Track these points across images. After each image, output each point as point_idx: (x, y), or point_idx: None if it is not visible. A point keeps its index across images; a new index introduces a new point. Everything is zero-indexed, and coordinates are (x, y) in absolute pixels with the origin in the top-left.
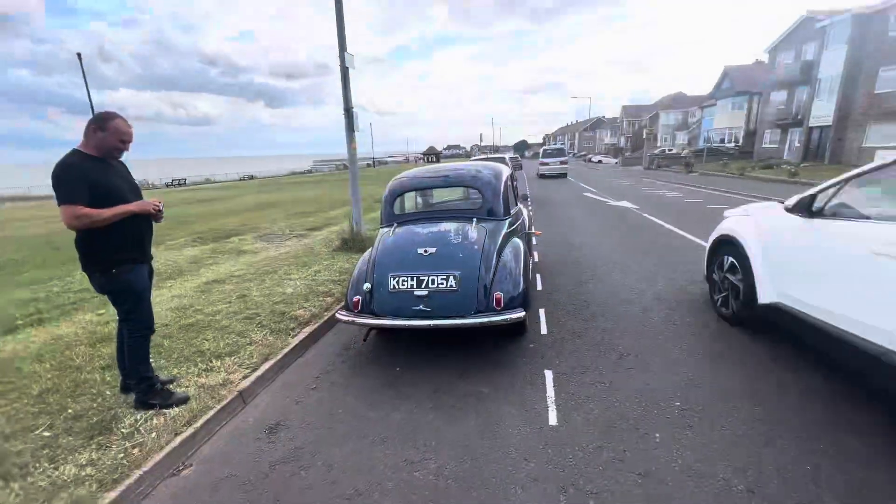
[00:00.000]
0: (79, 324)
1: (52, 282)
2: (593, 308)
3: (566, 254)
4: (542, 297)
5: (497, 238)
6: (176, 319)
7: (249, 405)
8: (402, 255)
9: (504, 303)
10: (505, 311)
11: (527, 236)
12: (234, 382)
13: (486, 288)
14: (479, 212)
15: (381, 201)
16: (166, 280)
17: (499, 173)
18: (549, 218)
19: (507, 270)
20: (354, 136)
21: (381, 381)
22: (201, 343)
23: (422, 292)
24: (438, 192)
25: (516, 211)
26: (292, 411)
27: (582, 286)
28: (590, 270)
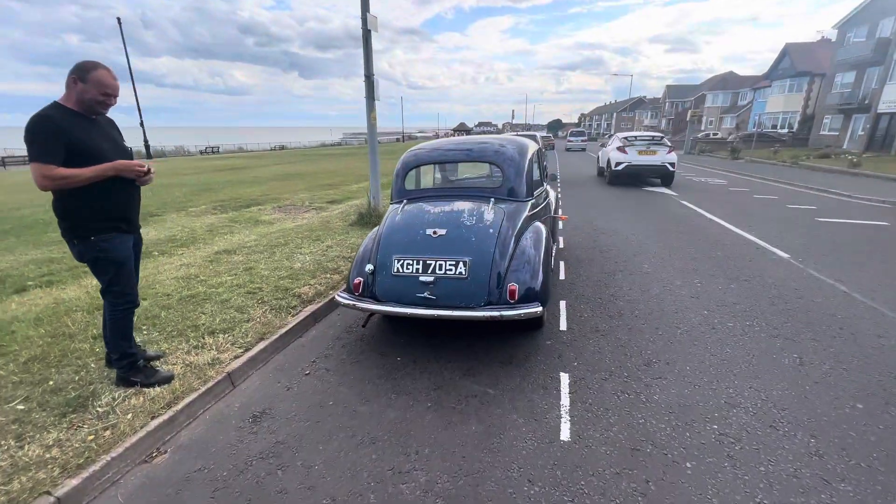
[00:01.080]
0: (85, 287)
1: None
2: (621, 304)
3: (594, 241)
4: (565, 287)
5: (516, 221)
6: (178, 290)
7: (238, 388)
8: (408, 235)
9: (519, 295)
10: (519, 304)
11: (552, 221)
12: (225, 362)
13: (499, 277)
14: (499, 191)
15: (393, 174)
16: (179, 248)
17: (523, 149)
18: (578, 201)
19: (525, 258)
20: (375, 106)
21: (379, 371)
22: (198, 317)
23: (428, 278)
24: (457, 168)
25: (541, 192)
26: (281, 398)
27: (609, 278)
28: (619, 260)
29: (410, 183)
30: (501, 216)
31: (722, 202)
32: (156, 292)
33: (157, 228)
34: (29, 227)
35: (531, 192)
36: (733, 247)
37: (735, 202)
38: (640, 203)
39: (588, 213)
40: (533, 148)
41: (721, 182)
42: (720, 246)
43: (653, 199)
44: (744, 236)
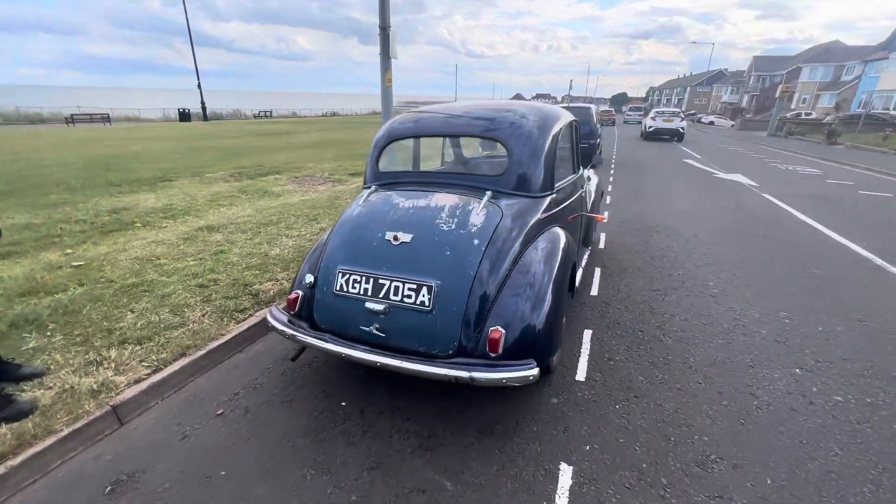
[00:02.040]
0: (38, 263)
1: (66, 207)
2: (669, 343)
3: (644, 243)
4: (595, 308)
5: (522, 227)
6: (126, 275)
7: (124, 429)
8: (362, 239)
9: (505, 346)
10: (503, 361)
11: (585, 222)
12: (118, 389)
13: (479, 313)
14: (502, 181)
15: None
16: (167, 219)
17: (547, 122)
18: (631, 188)
19: (526, 285)
20: (390, 65)
21: (310, 423)
22: (122, 316)
23: (377, 305)
24: (459, 144)
25: (570, 183)
26: (164, 455)
27: (659, 299)
28: (676, 273)
29: (386, 162)
30: (497, 219)
31: (817, 199)
32: (101, 276)
33: (160, 195)
34: (38, 187)
35: (550, 183)
36: (836, 264)
37: (835, 200)
38: (708, 192)
39: (638, 185)
40: (562, 121)
41: (815, 172)
42: (817, 261)
43: (726, 189)
44: (851, 248)
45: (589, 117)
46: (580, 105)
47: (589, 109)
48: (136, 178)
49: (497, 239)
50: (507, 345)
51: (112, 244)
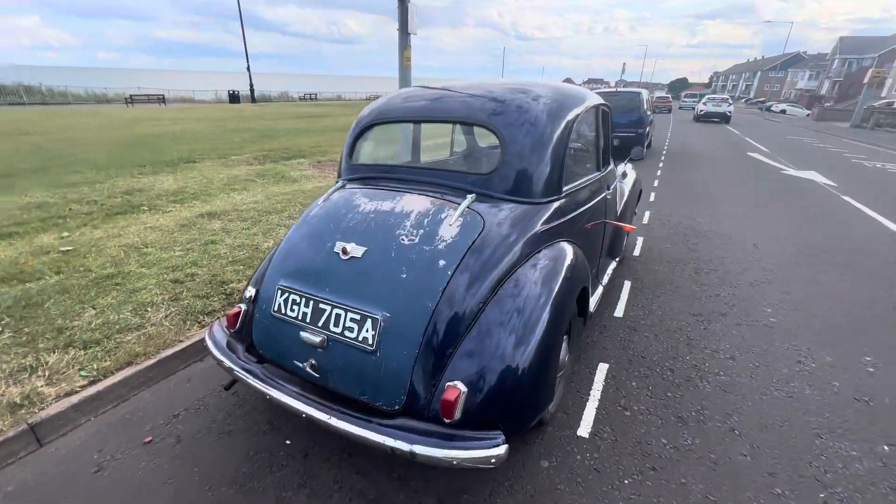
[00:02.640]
0: (30, 246)
1: (84, 186)
2: (708, 390)
3: (690, 251)
4: (617, 333)
5: (511, 242)
6: (104, 265)
7: (41, 451)
8: (308, 249)
9: (464, 411)
10: (459, 432)
11: (609, 231)
12: (44, 402)
13: (437, 361)
14: (491, 180)
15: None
16: (173, 203)
17: (558, 106)
18: (682, 184)
19: (505, 326)
20: (409, 43)
21: (240, 465)
22: (81, 312)
23: (313, 336)
24: (472, 131)
25: (594, 182)
26: (69, 493)
27: (699, 328)
28: (724, 293)
29: (360, 153)
30: (475, 233)
31: None
32: (81, 264)
33: (178, 177)
34: (69, 165)
35: (558, 185)
36: None
37: None
38: (774, 192)
39: (690, 179)
40: (582, 106)
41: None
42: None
43: (796, 188)
44: None
45: (638, 104)
46: (629, 90)
47: (638, 95)
48: (163, 159)
49: (471, 260)
50: (468, 409)
51: (109, 228)
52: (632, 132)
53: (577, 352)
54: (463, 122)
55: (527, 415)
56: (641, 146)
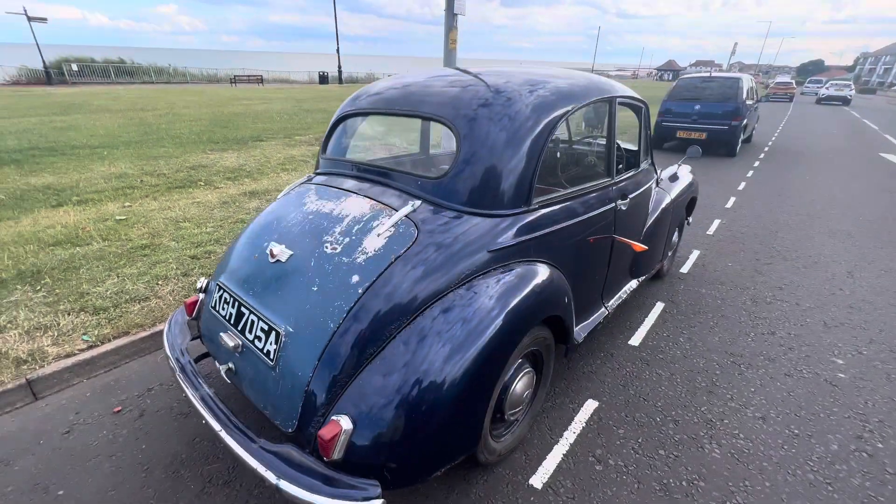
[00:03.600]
0: (96, 213)
1: (161, 160)
2: (718, 455)
3: (755, 273)
4: (624, 364)
5: (451, 261)
6: (143, 236)
7: (36, 405)
8: (248, 247)
9: (346, 452)
10: (338, 476)
11: (626, 248)
12: (46, 360)
13: (329, 389)
14: (440, 186)
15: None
16: (226, 180)
17: (536, 103)
18: (774, 187)
19: (418, 358)
20: (455, 24)
21: (178, 453)
22: (104, 280)
23: (230, 340)
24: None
25: (602, 189)
26: (39, 449)
27: (732, 374)
28: (780, 333)
29: (334, 145)
30: (402, 247)
31: None
32: (126, 234)
33: (241, 155)
34: (158, 139)
35: (525, 197)
36: None
37: None
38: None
39: (787, 183)
40: (579, 102)
41: None
42: None
43: None
44: None
45: (734, 92)
46: (726, 75)
47: (736, 82)
48: (235, 137)
49: (391, 278)
50: (353, 448)
51: (164, 201)
52: (723, 125)
53: (549, 385)
54: (422, 116)
55: (429, 463)
56: (733, 142)
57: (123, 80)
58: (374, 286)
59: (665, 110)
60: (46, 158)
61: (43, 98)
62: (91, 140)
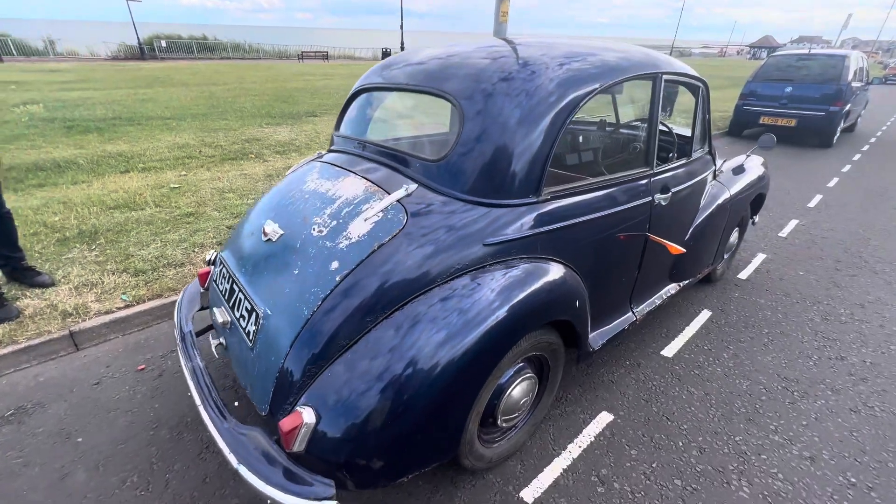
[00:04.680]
0: (156, 180)
1: (220, 132)
2: (746, 495)
3: (830, 284)
4: (651, 376)
5: (438, 255)
6: (190, 205)
7: (78, 354)
8: (248, 224)
9: (308, 443)
10: (297, 469)
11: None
12: (88, 315)
13: (300, 377)
14: (437, 170)
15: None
16: (277, 154)
17: (556, 79)
18: (872, 187)
19: (393, 353)
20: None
21: (186, 416)
22: (148, 244)
23: (219, 316)
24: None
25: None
26: (70, 396)
27: (783, 401)
28: (852, 359)
29: (349, 122)
30: (388, 234)
31: None
32: (176, 202)
33: (295, 130)
34: (222, 113)
35: (534, 186)
36: None
37: None
38: None
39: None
40: (607, 80)
41: None
42: None
43: None
44: None
45: (838, 73)
46: (829, 53)
47: (841, 61)
48: (292, 111)
49: (371, 266)
50: (315, 441)
51: (216, 172)
52: (819, 111)
53: (562, 391)
54: (427, 91)
55: (395, 467)
56: (829, 130)
57: (204, 56)
58: (353, 274)
59: (748, 92)
60: (124, 128)
61: (133, 72)
62: (165, 112)
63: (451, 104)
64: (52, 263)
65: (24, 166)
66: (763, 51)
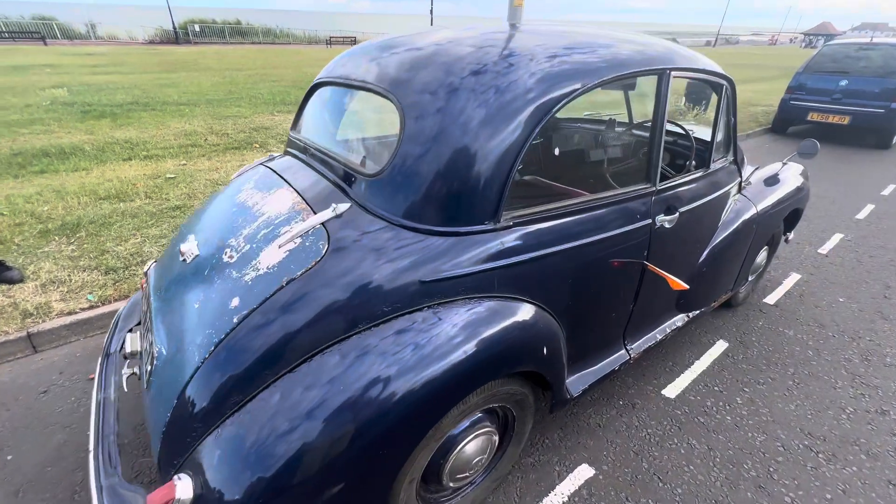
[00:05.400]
0: (154, 169)
1: (229, 120)
2: None
3: (872, 320)
4: (647, 422)
5: (362, 295)
6: (180, 197)
7: (29, 359)
8: (177, 237)
9: None
10: None
11: (646, 278)
12: (49, 315)
13: (188, 435)
14: (374, 186)
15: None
16: (282, 143)
17: (524, 76)
18: None
19: (295, 408)
20: None
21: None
22: (127, 239)
23: (132, 344)
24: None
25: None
26: (14, 405)
27: (801, 463)
28: (894, 411)
29: (307, 119)
30: (302, 267)
31: None
32: (166, 194)
33: None
34: (237, 99)
35: (491, 210)
36: None
37: None
38: None
39: None
40: (626, 67)
41: None
42: None
43: None
44: None
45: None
46: (893, 42)
47: None
48: None
49: (278, 306)
50: None
51: (216, 162)
52: (877, 108)
53: (533, 436)
54: (370, 89)
55: None
56: (889, 129)
57: (236, 41)
58: (252, 318)
59: (797, 85)
60: (138, 113)
61: (164, 56)
62: (181, 97)
63: (392, 104)
64: (26, 257)
65: (32, 152)
66: (819, 39)
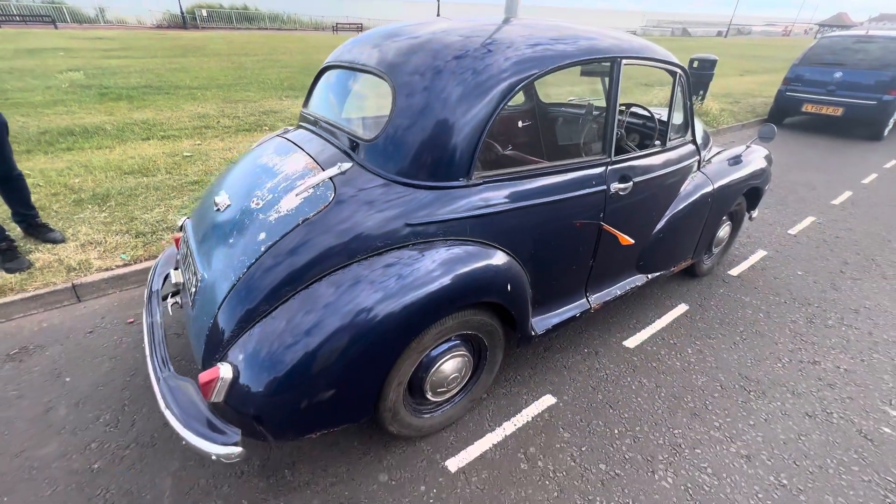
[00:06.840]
0: (172, 148)
1: (240, 104)
2: (669, 485)
3: (825, 290)
4: (605, 364)
5: (363, 232)
6: (197, 173)
7: (75, 306)
8: (209, 193)
9: (226, 395)
10: (213, 417)
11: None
12: (89, 270)
13: (226, 335)
14: (370, 149)
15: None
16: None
17: (494, 60)
18: None
19: (309, 314)
20: None
21: None
22: (152, 208)
23: (177, 277)
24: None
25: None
26: (66, 341)
27: (737, 399)
28: (828, 365)
29: (316, 97)
30: (314, 210)
31: None
32: (185, 170)
33: None
34: (246, 84)
35: (464, 167)
36: None
37: None
38: None
39: None
40: (555, 64)
41: None
42: None
43: None
44: None
45: None
46: (891, 34)
47: None
48: None
49: (294, 239)
50: (229, 396)
51: (229, 143)
52: (870, 99)
53: (507, 372)
54: (370, 72)
55: (304, 422)
56: (881, 121)
57: (243, 26)
58: (277, 246)
59: (793, 76)
60: (153, 96)
61: (173, 41)
62: (193, 81)
63: (387, 84)
64: (65, 222)
65: (57, 130)
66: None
